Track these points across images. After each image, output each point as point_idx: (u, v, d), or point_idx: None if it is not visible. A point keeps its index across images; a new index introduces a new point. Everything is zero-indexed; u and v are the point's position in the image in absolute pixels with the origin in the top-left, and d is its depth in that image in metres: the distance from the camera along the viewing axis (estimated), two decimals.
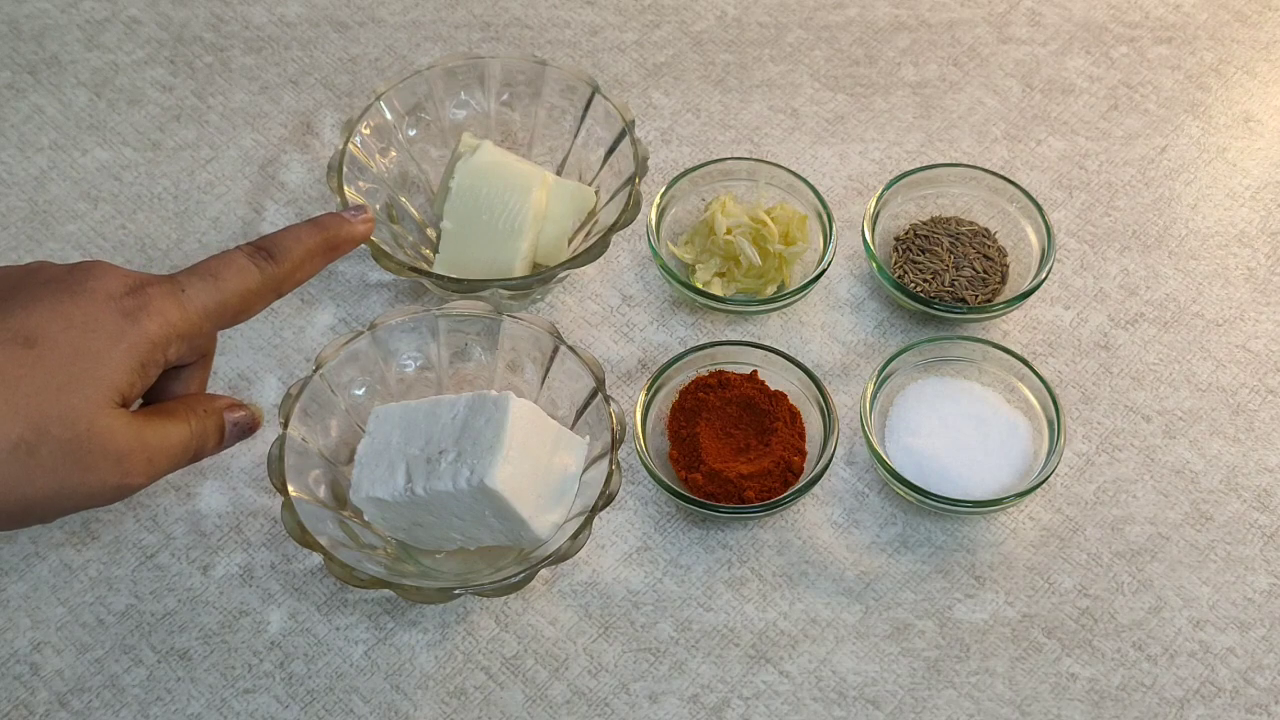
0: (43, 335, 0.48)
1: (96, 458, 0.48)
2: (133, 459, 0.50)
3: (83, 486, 0.49)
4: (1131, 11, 0.90)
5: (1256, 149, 0.83)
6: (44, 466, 0.47)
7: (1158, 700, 0.64)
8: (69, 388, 0.47)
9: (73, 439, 0.47)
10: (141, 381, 0.51)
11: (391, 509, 0.61)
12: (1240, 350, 0.75)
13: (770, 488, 0.66)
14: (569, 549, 0.60)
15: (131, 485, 0.50)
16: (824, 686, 0.63)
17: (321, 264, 0.57)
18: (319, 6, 0.88)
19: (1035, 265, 0.74)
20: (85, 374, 0.48)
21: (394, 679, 0.63)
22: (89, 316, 0.49)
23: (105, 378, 0.48)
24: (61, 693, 0.62)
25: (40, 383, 0.47)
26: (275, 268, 0.55)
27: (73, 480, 0.48)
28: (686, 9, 0.89)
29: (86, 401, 0.48)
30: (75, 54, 0.85)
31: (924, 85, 0.85)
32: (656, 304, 0.75)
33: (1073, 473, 0.70)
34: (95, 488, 0.49)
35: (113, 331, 0.49)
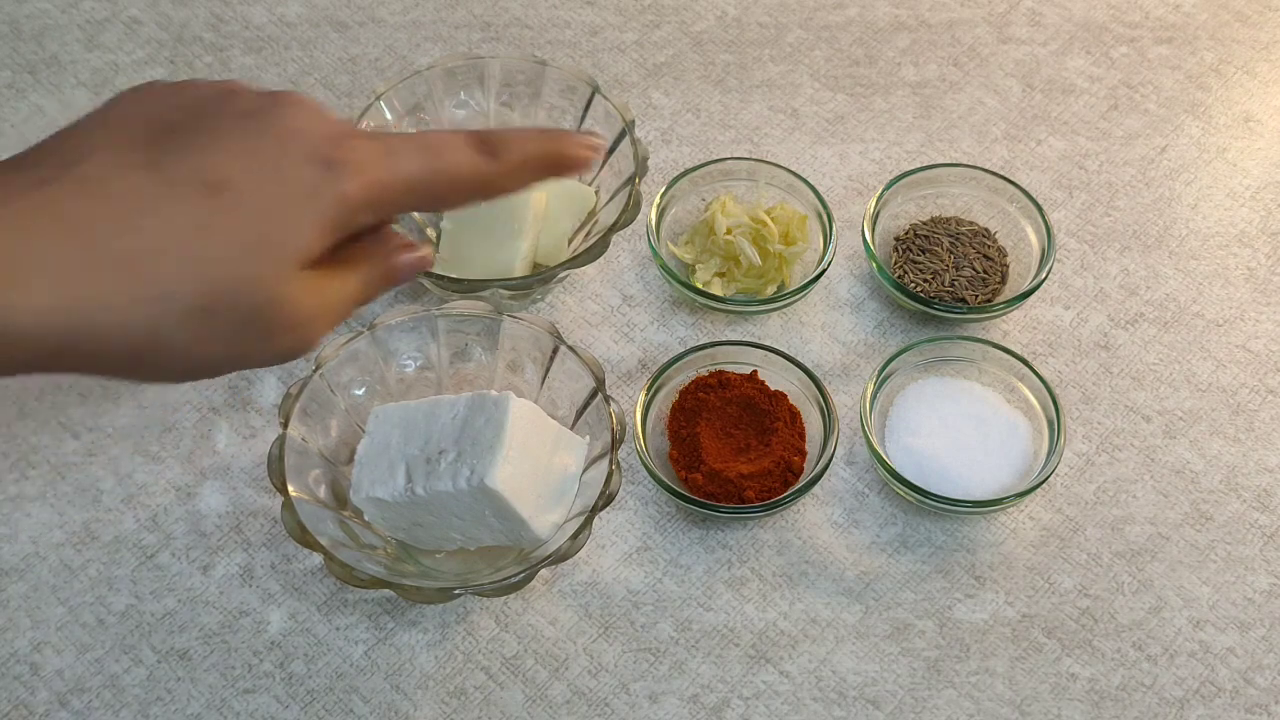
0: (231, 181, 0.42)
1: (276, 326, 0.43)
2: (312, 324, 0.45)
3: (256, 353, 0.44)
4: (1131, 11, 0.90)
5: (1256, 149, 0.83)
6: (220, 332, 0.42)
7: (1158, 700, 0.64)
8: (255, 250, 0.42)
9: (253, 307, 0.42)
10: (328, 244, 0.44)
11: (391, 509, 0.61)
12: (1240, 350, 0.75)
13: (770, 488, 0.66)
14: (569, 549, 0.60)
15: (306, 350, 0.45)
16: (824, 686, 0.63)
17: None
18: (319, 6, 0.88)
19: (1035, 265, 0.74)
20: (274, 235, 0.42)
21: (394, 679, 0.63)
22: (284, 164, 0.43)
23: (294, 239, 0.43)
24: (61, 693, 0.62)
25: (224, 240, 0.41)
26: (493, 164, 0.47)
27: (247, 347, 0.43)
28: (686, 9, 0.89)
29: (272, 266, 0.42)
30: (75, 54, 0.85)
31: (924, 85, 0.85)
32: (656, 304, 0.75)
33: (1073, 473, 0.70)
34: (269, 354, 0.45)
35: (308, 185, 0.43)
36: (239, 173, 0.42)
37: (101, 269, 0.40)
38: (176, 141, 0.42)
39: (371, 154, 0.45)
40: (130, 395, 0.71)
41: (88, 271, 0.40)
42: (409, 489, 0.60)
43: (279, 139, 0.43)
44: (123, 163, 0.41)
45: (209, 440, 0.70)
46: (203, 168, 0.42)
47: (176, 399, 0.71)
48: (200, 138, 0.42)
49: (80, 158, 0.41)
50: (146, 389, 0.71)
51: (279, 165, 0.43)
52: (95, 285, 0.40)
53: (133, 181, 0.41)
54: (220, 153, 0.42)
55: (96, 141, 0.42)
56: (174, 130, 0.43)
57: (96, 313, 0.40)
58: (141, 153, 0.42)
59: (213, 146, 0.42)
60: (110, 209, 0.40)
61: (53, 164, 0.41)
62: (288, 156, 0.43)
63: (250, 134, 0.43)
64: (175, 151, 0.42)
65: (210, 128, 0.43)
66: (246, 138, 0.43)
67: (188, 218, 0.41)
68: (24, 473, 0.68)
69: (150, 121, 0.43)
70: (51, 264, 0.39)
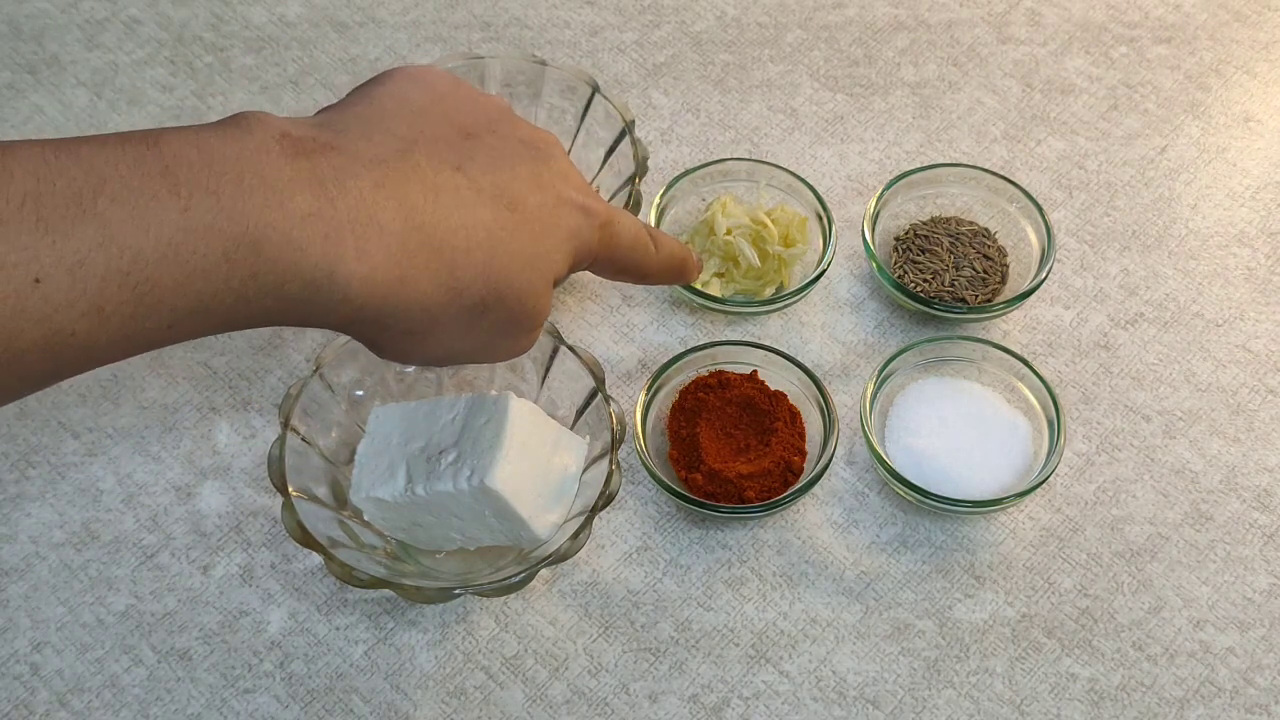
0: (523, 203, 0.47)
1: (523, 329, 0.49)
2: (539, 331, 0.51)
3: (500, 350, 0.49)
4: (1131, 11, 0.90)
5: (1256, 149, 0.83)
6: (485, 327, 0.47)
7: (1157, 700, 0.64)
8: (534, 263, 0.47)
9: (519, 312, 0.47)
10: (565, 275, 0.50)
11: (391, 509, 0.61)
12: (1240, 350, 0.75)
13: (770, 488, 0.66)
14: (569, 549, 0.60)
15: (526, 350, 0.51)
16: (824, 686, 0.63)
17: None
18: (319, 6, 0.88)
19: (1035, 265, 0.74)
20: (546, 254, 0.48)
21: (394, 679, 0.63)
22: (557, 199, 0.48)
23: (555, 262, 0.48)
24: (61, 693, 0.62)
25: (513, 251, 0.46)
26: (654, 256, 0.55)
27: (497, 343, 0.49)
28: (686, 9, 0.89)
29: (541, 279, 0.48)
30: (75, 54, 0.85)
31: (923, 85, 0.85)
32: (656, 304, 0.76)
33: (1073, 473, 0.70)
34: (510, 351, 0.50)
35: (572, 224, 0.49)
36: (528, 196, 0.47)
37: (421, 254, 0.43)
38: (478, 152, 0.47)
39: (610, 214, 0.51)
40: (130, 395, 0.71)
41: (410, 254, 0.43)
42: (409, 489, 0.60)
43: (555, 178, 0.49)
44: (442, 160, 0.45)
45: (209, 440, 0.70)
46: (501, 184, 0.46)
47: (177, 399, 0.71)
48: (496, 155, 0.47)
49: (409, 144, 0.45)
50: (146, 389, 0.71)
51: (555, 199, 0.48)
52: (412, 267, 0.43)
53: (450, 180, 0.45)
54: (514, 175, 0.47)
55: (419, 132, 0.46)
56: (472, 138, 0.47)
57: (406, 291, 0.43)
58: (453, 153, 0.46)
59: (508, 167, 0.47)
60: (435, 201, 0.44)
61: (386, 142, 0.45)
62: (560, 194, 0.48)
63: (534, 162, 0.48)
64: (479, 160, 0.46)
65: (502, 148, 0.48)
66: (536, 169, 0.48)
67: (489, 225, 0.45)
68: (24, 473, 0.68)
69: (453, 124, 0.47)
70: (387, 239, 0.42)
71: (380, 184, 0.43)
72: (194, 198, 0.39)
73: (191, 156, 0.40)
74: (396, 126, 0.46)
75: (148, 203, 0.38)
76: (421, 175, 0.44)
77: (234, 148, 0.41)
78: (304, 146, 0.42)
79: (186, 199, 0.39)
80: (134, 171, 0.39)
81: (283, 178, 0.41)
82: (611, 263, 0.53)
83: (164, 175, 0.39)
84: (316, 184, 0.41)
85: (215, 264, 0.39)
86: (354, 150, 0.43)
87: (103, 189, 0.38)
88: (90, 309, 0.37)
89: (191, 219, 0.39)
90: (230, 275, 0.40)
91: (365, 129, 0.45)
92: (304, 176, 0.41)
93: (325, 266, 0.41)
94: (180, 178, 0.39)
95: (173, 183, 0.39)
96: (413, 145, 0.45)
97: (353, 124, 0.45)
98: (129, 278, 0.38)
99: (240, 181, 0.40)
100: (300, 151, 0.42)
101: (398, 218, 0.43)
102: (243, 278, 0.40)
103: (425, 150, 0.45)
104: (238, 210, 0.39)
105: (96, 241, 0.37)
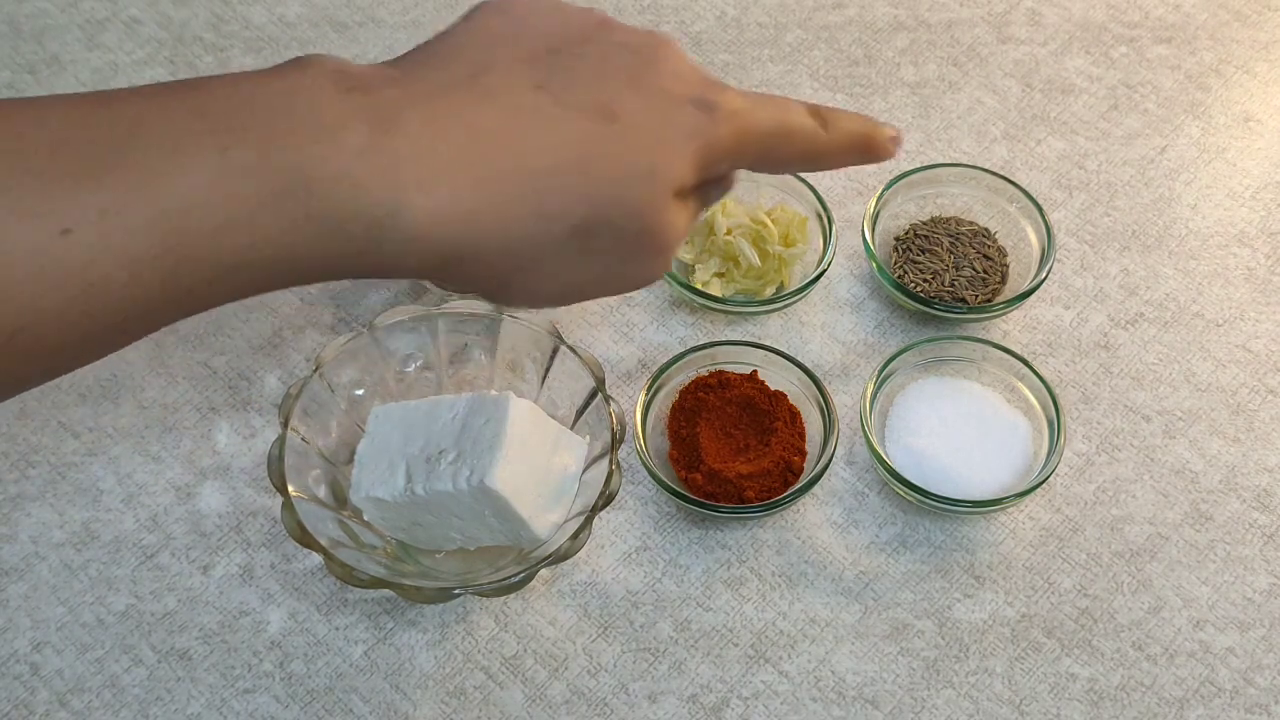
0: (621, 111, 0.42)
1: (647, 252, 0.44)
2: (671, 250, 0.46)
3: (623, 277, 0.45)
4: (1131, 11, 0.90)
5: (1256, 149, 0.83)
6: (596, 255, 0.43)
7: (1157, 700, 0.64)
8: (641, 177, 0.43)
9: (633, 231, 0.43)
10: (694, 181, 0.45)
11: (391, 509, 0.61)
12: (1240, 350, 0.75)
13: (770, 488, 0.66)
14: (569, 549, 0.60)
15: (660, 276, 0.47)
16: (823, 686, 0.63)
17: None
18: (319, 6, 0.88)
19: (1035, 265, 0.74)
20: (658, 164, 0.43)
21: (394, 679, 0.63)
22: (667, 100, 0.43)
23: (673, 171, 0.43)
24: (61, 693, 0.62)
25: (614, 165, 0.42)
26: (824, 136, 0.48)
27: (618, 269, 0.44)
28: (686, 9, 0.89)
29: (654, 193, 0.43)
30: (75, 54, 0.85)
31: (923, 85, 0.85)
32: (656, 304, 0.76)
33: (1072, 473, 0.70)
34: (636, 278, 0.46)
35: (690, 125, 0.44)
36: (628, 104, 0.42)
37: (498, 181, 0.40)
38: (565, 65, 0.43)
39: (739, 103, 0.45)
40: (130, 395, 0.71)
41: (485, 182, 0.40)
42: (409, 489, 0.60)
43: (662, 76, 0.44)
44: (520, 81, 0.42)
45: (209, 440, 0.70)
46: (594, 94, 0.42)
47: (177, 399, 0.71)
48: (587, 64, 0.43)
49: (481, 69, 0.42)
50: (146, 388, 0.71)
51: (664, 102, 0.43)
52: (490, 196, 0.40)
53: (530, 100, 0.41)
54: (609, 82, 0.43)
55: (494, 56, 0.42)
56: (559, 53, 0.43)
57: (486, 223, 0.40)
58: (535, 72, 0.42)
59: (601, 75, 0.43)
60: (512, 124, 0.41)
61: (455, 71, 0.41)
62: (671, 95, 0.43)
63: (636, 67, 0.43)
64: (565, 74, 0.42)
65: (596, 55, 0.43)
66: (637, 74, 0.43)
67: (580, 141, 0.41)
68: (24, 473, 0.68)
69: (537, 43, 0.43)
70: (455, 170, 0.39)
71: (447, 112, 0.40)
72: (232, 136, 0.36)
73: (230, 98, 0.37)
74: (469, 54, 0.42)
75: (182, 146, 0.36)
76: (495, 98, 0.41)
77: (278, 86, 0.38)
78: (360, 82, 0.40)
79: (224, 139, 0.36)
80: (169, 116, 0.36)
81: (334, 113, 0.38)
82: (762, 155, 0.47)
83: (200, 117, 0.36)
84: (373, 117, 0.38)
85: (258, 209, 0.36)
86: (417, 81, 0.41)
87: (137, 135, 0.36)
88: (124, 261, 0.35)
89: (230, 160, 0.36)
90: (279, 217, 0.37)
91: (435, 61, 0.42)
92: (359, 111, 0.38)
93: (388, 203, 0.38)
94: (218, 118, 0.36)
95: (210, 125, 0.36)
96: (485, 69, 0.42)
97: (424, 58, 0.42)
98: (163, 224, 0.35)
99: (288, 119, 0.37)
100: (355, 87, 0.39)
101: (467, 145, 0.40)
102: (295, 220, 0.37)
103: (501, 72, 0.42)
104: (282, 148, 0.37)
105: (127, 189, 0.35)
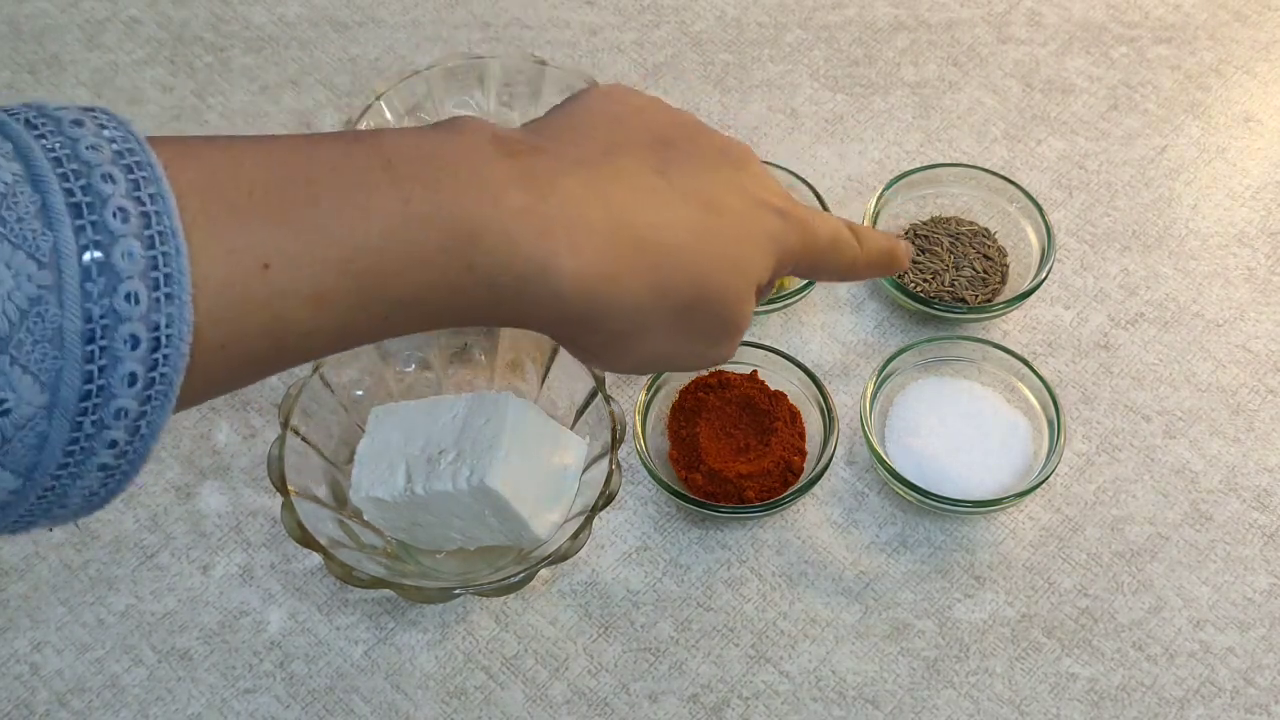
0: (724, 206, 0.47)
1: (727, 335, 0.48)
2: (740, 337, 0.50)
3: (703, 354, 0.49)
4: (1131, 11, 0.90)
5: (1256, 149, 0.83)
6: (689, 330, 0.47)
7: (1157, 700, 0.64)
8: (737, 267, 0.47)
9: (723, 315, 0.47)
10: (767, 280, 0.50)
11: (391, 509, 0.61)
12: (1240, 350, 0.75)
13: (770, 488, 0.66)
14: (569, 549, 0.60)
15: (726, 359, 0.51)
16: (823, 686, 0.63)
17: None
18: (319, 6, 0.88)
19: (1035, 265, 0.74)
20: (747, 257, 0.47)
21: (394, 679, 0.63)
22: (755, 204, 0.48)
23: (756, 266, 0.48)
24: (61, 693, 0.62)
25: (717, 252, 0.46)
26: (859, 251, 0.53)
27: (702, 347, 0.48)
28: (686, 9, 0.89)
29: (744, 283, 0.47)
30: (75, 54, 0.85)
31: (923, 85, 0.85)
32: None
33: (1073, 473, 0.70)
34: (713, 357, 0.49)
35: (771, 228, 0.48)
36: (728, 200, 0.47)
37: (630, 252, 0.44)
38: (676, 156, 0.47)
39: (805, 215, 0.50)
40: None
41: (618, 249, 0.43)
42: (409, 489, 0.60)
43: (751, 183, 0.49)
44: (644, 164, 0.46)
45: (209, 440, 0.70)
46: (702, 188, 0.47)
47: None
48: (694, 161, 0.48)
49: (612, 148, 0.46)
50: None
51: (753, 205, 0.48)
52: (620, 263, 0.44)
53: (654, 183, 0.46)
54: (713, 180, 0.47)
55: (621, 138, 0.47)
56: (670, 145, 0.48)
57: (614, 288, 0.44)
58: (655, 158, 0.47)
59: (707, 172, 0.47)
60: (640, 201, 0.45)
61: (589, 148, 0.46)
62: (758, 199, 0.48)
63: (731, 170, 0.48)
64: (679, 166, 0.47)
65: (699, 155, 0.48)
66: (733, 175, 0.48)
67: (694, 226, 0.46)
68: None
69: (652, 133, 0.48)
70: (597, 237, 0.43)
71: (588, 183, 0.44)
72: (414, 190, 0.40)
73: (411, 153, 0.41)
74: (598, 134, 0.47)
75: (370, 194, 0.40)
76: (626, 177, 0.45)
77: (450, 146, 0.42)
78: (515, 148, 0.44)
79: (408, 191, 0.40)
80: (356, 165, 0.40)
81: (497, 175, 0.42)
82: (815, 264, 0.52)
83: (385, 169, 0.40)
84: (529, 181, 0.43)
85: (433, 255, 0.40)
86: (561, 152, 0.45)
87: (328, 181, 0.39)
88: (313, 295, 0.39)
89: (412, 210, 0.40)
90: (447, 267, 0.41)
91: (570, 136, 0.46)
92: (517, 174, 0.43)
93: (538, 260, 0.42)
94: (401, 171, 0.40)
95: (394, 176, 0.40)
96: (616, 149, 0.46)
97: (557, 132, 0.47)
98: (350, 265, 0.39)
99: (457, 176, 0.41)
100: (512, 152, 0.43)
101: (606, 216, 0.44)
102: (459, 269, 0.41)
103: (628, 154, 0.46)
104: (456, 203, 0.41)
105: (321, 229, 0.38)
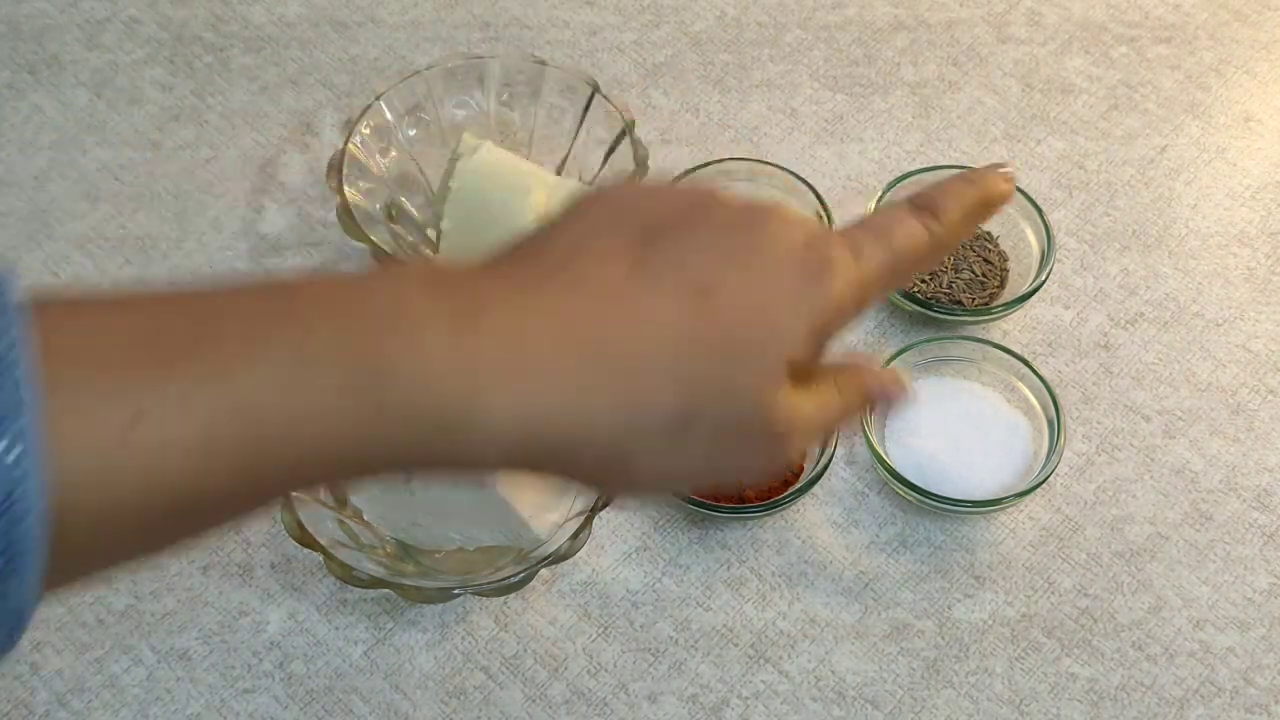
0: (719, 287, 0.40)
1: (756, 438, 0.41)
2: (789, 437, 0.42)
3: (733, 465, 0.42)
4: (1131, 11, 0.90)
5: (1256, 149, 0.83)
6: (697, 443, 0.40)
7: (1157, 700, 0.64)
8: (739, 356, 0.40)
9: (734, 416, 0.40)
10: (812, 350, 0.42)
11: (391, 509, 0.61)
12: (1240, 350, 0.75)
13: (770, 487, 0.66)
14: (569, 549, 0.60)
15: (782, 464, 0.44)
16: (823, 686, 0.63)
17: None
18: (319, 6, 0.88)
19: (1035, 266, 0.74)
20: (758, 342, 0.40)
21: (394, 679, 0.63)
22: (769, 273, 0.41)
23: (776, 347, 0.41)
24: (61, 693, 0.62)
25: (711, 345, 0.40)
26: (940, 227, 0.45)
27: (723, 460, 0.41)
28: (686, 9, 0.89)
29: (754, 375, 0.40)
30: (75, 54, 0.85)
31: (923, 85, 0.85)
32: None
33: (1073, 473, 0.70)
34: (748, 467, 0.43)
35: (792, 293, 0.41)
36: (726, 281, 0.40)
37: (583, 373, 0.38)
38: (659, 247, 0.41)
39: (846, 255, 0.43)
40: None
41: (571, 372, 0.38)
42: (408, 489, 0.60)
43: (762, 249, 0.42)
44: (612, 266, 0.40)
45: None
46: (688, 275, 0.40)
47: None
48: (684, 244, 0.41)
49: (571, 257, 0.40)
50: None
51: (765, 275, 0.41)
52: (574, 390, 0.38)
53: (624, 286, 0.40)
54: (705, 257, 0.41)
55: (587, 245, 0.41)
56: (656, 232, 0.41)
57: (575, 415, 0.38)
58: (630, 250, 0.41)
59: (696, 251, 0.41)
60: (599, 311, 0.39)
61: (545, 262, 0.40)
62: (771, 264, 0.41)
63: (734, 244, 0.42)
64: (666, 255, 0.41)
65: (693, 233, 0.42)
66: (735, 249, 0.41)
67: (672, 324, 0.39)
68: None
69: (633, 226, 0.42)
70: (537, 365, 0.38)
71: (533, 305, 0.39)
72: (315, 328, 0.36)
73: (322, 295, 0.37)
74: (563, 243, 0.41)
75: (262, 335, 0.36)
76: (586, 286, 0.40)
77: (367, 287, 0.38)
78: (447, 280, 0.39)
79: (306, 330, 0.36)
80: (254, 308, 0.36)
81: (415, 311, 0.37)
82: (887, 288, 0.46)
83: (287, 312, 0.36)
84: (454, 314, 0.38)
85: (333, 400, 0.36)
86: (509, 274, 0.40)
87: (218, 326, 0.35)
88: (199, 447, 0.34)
89: (306, 351, 0.36)
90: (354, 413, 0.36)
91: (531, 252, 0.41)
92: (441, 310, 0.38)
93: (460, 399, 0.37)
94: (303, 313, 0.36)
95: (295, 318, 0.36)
96: (579, 254, 0.41)
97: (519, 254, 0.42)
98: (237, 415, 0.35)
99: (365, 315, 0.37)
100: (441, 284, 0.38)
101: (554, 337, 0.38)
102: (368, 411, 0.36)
103: (593, 260, 0.41)
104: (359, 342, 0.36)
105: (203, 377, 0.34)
